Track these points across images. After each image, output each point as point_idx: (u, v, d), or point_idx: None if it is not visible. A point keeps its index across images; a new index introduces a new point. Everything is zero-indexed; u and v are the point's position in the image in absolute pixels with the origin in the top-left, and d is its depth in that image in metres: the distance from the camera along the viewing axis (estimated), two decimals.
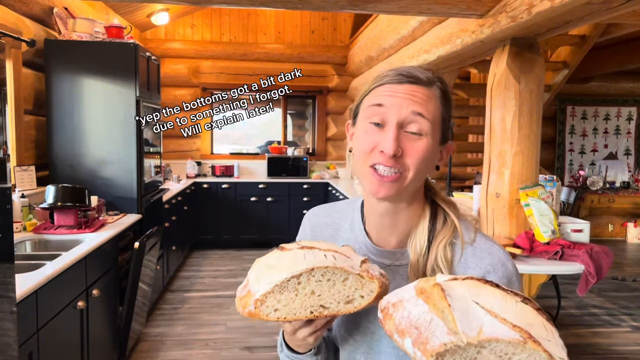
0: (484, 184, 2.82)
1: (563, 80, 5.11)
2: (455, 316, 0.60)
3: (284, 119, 7.07)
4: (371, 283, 0.77)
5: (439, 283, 0.65)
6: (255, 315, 0.78)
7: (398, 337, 0.64)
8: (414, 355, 0.61)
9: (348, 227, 1.01)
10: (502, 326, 0.59)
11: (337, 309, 0.76)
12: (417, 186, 0.90)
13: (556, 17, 2.20)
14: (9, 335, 1.59)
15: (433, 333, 0.60)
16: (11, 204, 1.58)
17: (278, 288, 0.75)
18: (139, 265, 3.11)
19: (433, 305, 0.62)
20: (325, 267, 0.75)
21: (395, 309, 0.67)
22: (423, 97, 0.85)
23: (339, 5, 2.45)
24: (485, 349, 0.58)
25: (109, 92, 3.54)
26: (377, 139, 0.85)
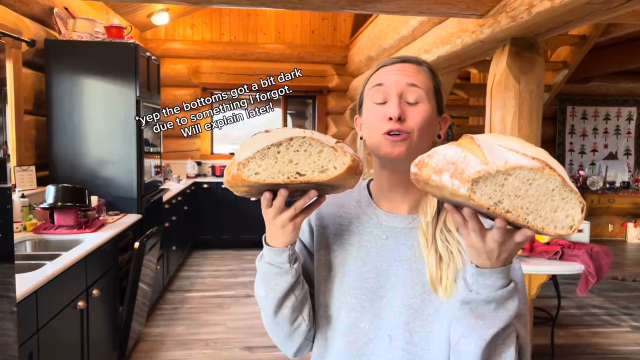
0: None
1: (563, 80, 5.11)
2: (484, 153, 0.71)
3: (284, 119, 7.06)
4: (344, 156, 0.84)
5: (468, 134, 0.76)
6: (237, 177, 0.83)
7: (435, 176, 0.73)
8: (452, 185, 0.71)
9: (354, 204, 1.07)
10: (523, 158, 0.70)
11: (312, 176, 0.83)
12: (424, 150, 0.95)
13: (556, 17, 2.20)
14: (9, 335, 1.59)
15: (468, 164, 0.70)
16: (11, 204, 1.58)
17: (259, 154, 0.82)
18: (139, 265, 3.11)
19: (465, 147, 0.74)
20: (302, 137, 0.83)
21: (430, 158, 0.77)
22: (413, 71, 0.99)
23: (339, 5, 2.45)
24: (511, 175, 0.69)
25: (109, 92, 3.54)
26: (384, 111, 0.96)
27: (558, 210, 0.70)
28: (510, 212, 0.70)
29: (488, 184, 0.69)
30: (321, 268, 1.05)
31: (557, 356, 3.44)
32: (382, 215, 1.04)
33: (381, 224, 1.03)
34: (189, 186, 5.81)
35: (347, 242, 1.04)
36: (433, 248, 0.97)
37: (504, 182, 0.69)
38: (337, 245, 1.05)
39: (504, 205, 0.70)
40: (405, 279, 0.99)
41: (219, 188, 6.25)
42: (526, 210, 0.70)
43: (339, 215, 1.06)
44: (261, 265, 0.97)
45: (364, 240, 1.03)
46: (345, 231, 1.05)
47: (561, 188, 0.70)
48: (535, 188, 0.70)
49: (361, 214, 1.06)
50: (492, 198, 0.70)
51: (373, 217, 1.04)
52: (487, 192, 0.69)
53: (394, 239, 1.02)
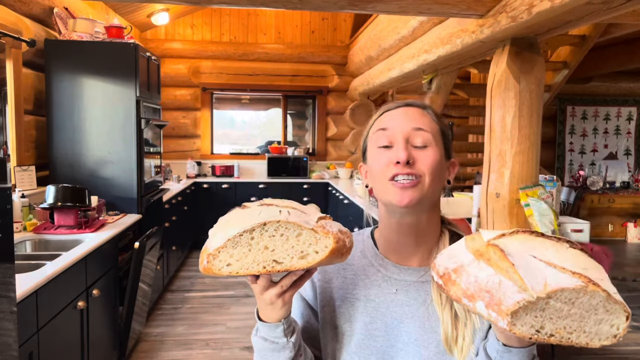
0: (484, 184, 2.82)
1: (563, 80, 5.11)
2: (520, 274, 0.64)
3: (284, 119, 7.06)
4: (326, 239, 0.76)
5: (494, 244, 0.69)
6: (208, 269, 0.77)
7: (468, 301, 0.67)
8: (489, 316, 0.65)
9: (359, 255, 1.00)
10: (563, 275, 0.64)
11: (291, 264, 0.75)
12: (435, 196, 0.94)
13: (556, 17, 2.20)
14: (9, 335, 1.59)
15: (505, 294, 0.64)
16: (11, 204, 1.58)
17: (231, 242, 0.75)
18: (139, 265, 3.11)
19: (497, 266, 0.66)
20: (277, 222, 0.75)
21: (458, 275, 0.70)
22: (418, 115, 0.94)
23: (339, 5, 2.45)
24: (552, 299, 0.63)
25: (109, 92, 3.54)
26: (390, 155, 0.91)
27: (602, 322, 0.66)
28: (554, 335, 0.66)
29: (529, 312, 0.64)
30: (326, 327, 0.98)
31: (557, 356, 3.44)
32: (390, 267, 0.96)
33: (390, 277, 0.96)
34: (189, 186, 5.81)
35: (354, 297, 0.96)
36: (448, 305, 0.89)
37: (545, 306, 0.64)
38: (342, 301, 0.97)
39: (546, 331, 0.65)
40: (417, 337, 0.92)
41: (219, 188, 6.25)
42: (569, 329, 0.66)
43: (343, 268, 0.98)
44: (256, 341, 0.89)
45: (371, 294, 0.95)
46: (350, 285, 0.97)
47: (605, 302, 0.65)
48: (579, 306, 0.65)
49: (367, 266, 0.98)
50: (533, 326, 0.64)
51: (381, 269, 0.97)
52: (529, 321, 0.64)
53: (405, 293, 0.94)
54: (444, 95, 4.86)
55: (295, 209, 0.79)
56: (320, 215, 0.81)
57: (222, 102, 7.02)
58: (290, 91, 6.87)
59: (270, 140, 7.04)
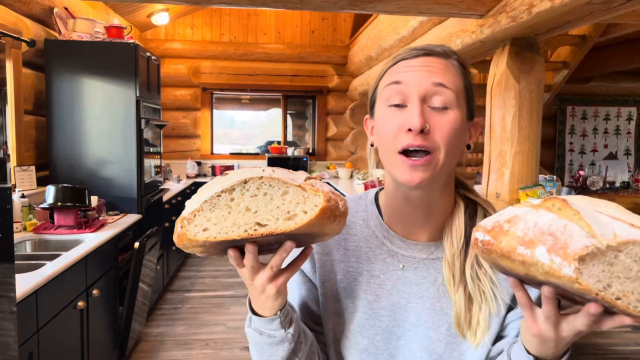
0: (484, 184, 2.82)
1: (563, 80, 5.11)
2: (587, 221, 0.57)
3: (284, 119, 7.06)
4: (315, 197, 0.65)
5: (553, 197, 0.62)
6: (182, 237, 0.66)
7: (524, 249, 0.58)
8: (551, 262, 0.56)
9: (361, 223, 0.90)
10: (633, 230, 0.56)
11: (276, 226, 0.65)
12: (450, 169, 0.82)
13: (556, 17, 2.20)
14: (9, 335, 1.59)
15: (571, 237, 0.56)
16: (11, 204, 1.58)
17: (208, 205, 0.65)
18: (139, 265, 3.11)
19: (560, 213, 0.59)
20: (259, 178, 0.65)
21: (512, 224, 0.61)
22: (441, 67, 0.79)
23: (339, 5, 2.45)
24: (621, 252, 0.55)
25: (109, 92, 3.54)
26: (401, 119, 0.77)
27: None
28: (621, 298, 0.56)
29: (596, 262, 0.55)
30: (327, 302, 0.88)
31: None
32: (397, 240, 0.86)
33: (396, 252, 0.86)
34: (189, 186, 5.81)
35: (356, 271, 0.87)
36: (461, 286, 0.81)
37: (614, 260, 0.55)
38: (344, 275, 0.87)
39: (612, 290, 0.56)
40: (427, 319, 0.84)
41: None
42: (638, 295, 0.56)
43: (344, 238, 0.89)
44: (250, 333, 0.79)
45: (375, 269, 0.86)
46: (352, 257, 0.88)
47: None
48: None
49: (370, 237, 0.88)
50: (600, 281, 0.55)
51: (385, 242, 0.87)
52: (596, 274, 0.55)
53: (413, 270, 0.85)
54: None
55: (280, 169, 0.71)
56: (308, 176, 0.71)
57: (222, 102, 7.02)
58: (290, 91, 6.87)
59: (270, 140, 7.04)
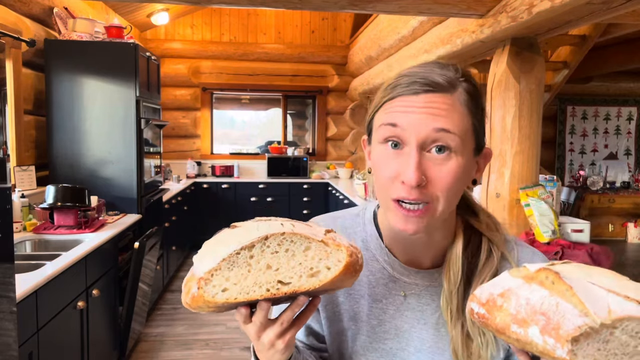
0: (484, 184, 2.82)
1: (563, 80, 5.11)
2: (580, 297, 0.55)
3: (284, 119, 7.06)
4: (338, 252, 0.64)
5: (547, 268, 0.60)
6: (199, 299, 0.64)
7: (517, 327, 0.57)
8: (544, 343, 0.55)
9: (361, 244, 0.85)
10: (629, 303, 0.54)
11: (299, 284, 0.63)
12: (450, 211, 0.77)
13: (556, 17, 2.20)
14: (9, 335, 1.59)
15: (564, 317, 0.54)
16: (11, 204, 1.57)
17: (226, 263, 0.63)
18: (139, 265, 3.11)
19: (552, 289, 0.57)
20: (281, 234, 0.63)
21: (505, 299, 0.60)
22: (446, 107, 0.70)
23: (339, 5, 2.45)
24: (617, 329, 0.54)
25: (109, 92, 3.54)
26: (397, 166, 0.72)
27: None
28: None
29: (590, 342, 0.53)
30: (331, 324, 0.86)
31: None
32: (397, 267, 0.83)
33: (398, 278, 0.83)
34: (189, 186, 5.81)
35: (357, 294, 0.84)
36: (459, 323, 0.78)
37: (610, 337, 0.54)
38: (345, 297, 0.85)
39: None
40: (431, 344, 0.82)
41: (219, 188, 6.25)
42: None
43: None
44: None
45: (377, 293, 0.83)
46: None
47: None
48: None
49: (370, 260, 0.84)
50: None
51: (387, 266, 0.83)
52: (591, 353, 0.54)
53: (416, 297, 0.82)
54: None
55: (297, 222, 0.68)
56: (325, 228, 0.69)
57: (222, 102, 7.02)
58: (290, 91, 6.87)
59: (270, 140, 7.04)
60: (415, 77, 0.72)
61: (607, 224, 7.21)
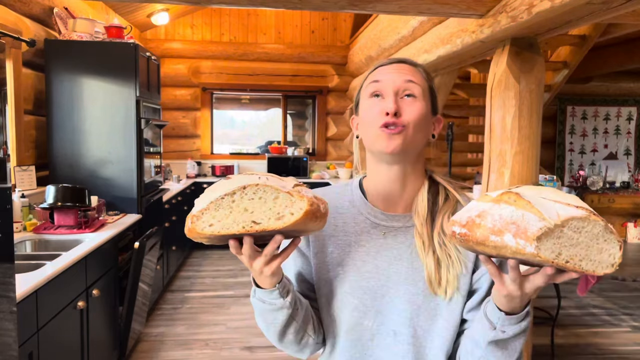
0: (484, 184, 2.82)
1: (563, 80, 5.11)
2: (537, 209, 0.74)
3: (284, 119, 7.06)
4: (301, 201, 0.81)
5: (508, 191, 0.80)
6: (192, 230, 0.82)
7: (495, 236, 0.75)
8: (517, 245, 0.73)
9: (348, 204, 1.08)
10: (570, 208, 0.75)
11: (267, 224, 0.80)
12: (419, 146, 1.02)
13: (556, 17, 2.20)
14: (9, 335, 1.59)
15: (529, 223, 0.73)
16: (11, 204, 1.58)
17: (214, 205, 0.81)
18: (139, 265, 3.11)
19: (516, 205, 0.76)
20: (256, 185, 0.81)
21: (482, 218, 0.78)
22: (411, 70, 1.02)
23: (339, 5, 2.45)
24: (564, 227, 0.73)
25: (109, 92, 3.54)
26: (380, 106, 0.99)
27: (602, 251, 0.76)
28: (569, 261, 0.74)
29: (549, 238, 0.73)
30: (320, 271, 1.05)
31: (557, 356, 3.44)
32: (378, 214, 1.04)
33: (378, 224, 1.04)
34: (189, 186, 5.81)
35: (345, 243, 1.04)
36: (431, 250, 0.99)
37: (560, 234, 0.73)
38: (335, 247, 1.04)
39: (563, 257, 0.74)
40: (407, 277, 1.00)
41: None
42: (580, 257, 0.75)
43: (333, 217, 1.05)
44: (255, 302, 0.97)
45: (361, 240, 1.03)
46: (341, 232, 1.05)
47: (604, 231, 0.75)
48: (584, 235, 0.75)
49: (356, 214, 1.06)
50: (553, 252, 0.73)
51: (369, 216, 1.05)
52: (549, 247, 0.73)
53: (393, 237, 1.03)
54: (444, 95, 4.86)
55: (273, 177, 0.86)
56: (296, 182, 0.87)
57: (222, 102, 7.02)
58: (290, 91, 6.88)
59: (270, 140, 7.04)
60: (391, 58, 1.07)
61: None
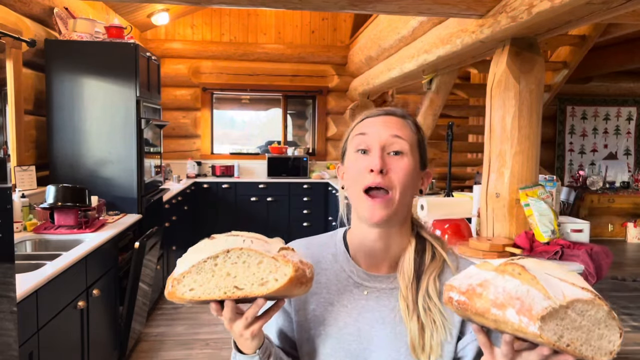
0: (483, 184, 2.82)
1: (563, 80, 5.11)
2: (543, 285, 0.71)
3: (284, 119, 7.07)
4: (286, 267, 0.78)
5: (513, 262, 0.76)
6: (172, 294, 0.80)
7: (497, 310, 0.71)
8: (519, 322, 0.69)
9: (331, 258, 1.04)
10: (576, 289, 0.72)
11: (250, 290, 0.78)
12: (406, 210, 0.98)
13: (556, 17, 2.20)
14: (9, 335, 1.59)
15: (534, 300, 0.69)
16: (11, 204, 1.58)
17: (195, 269, 0.78)
18: (139, 265, 3.11)
19: (521, 279, 0.73)
20: (240, 249, 0.79)
21: (484, 288, 0.74)
22: (398, 124, 0.97)
23: (339, 5, 2.45)
24: (569, 309, 0.70)
25: (109, 92, 3.54)
26: (366, 162, 0.94)
27: (603, 337, 0.73)
28: (569, 345, 0.70)
29: (553, 319, 0.69)
30: (301, 329, 1.01)
31: None
32: (361, 273, 1.00)
33: (361, 284, 1.00)
34: (189, 186, 5.82)
35: (327, 301, 1.00)
36: (415, 315, 0.94)
37: (564, 315, 0.70)
38: (316, 305, 1.00)
39: (564, 340, 0.70)
40: (389, 342, 0.96)
41: (219, 188, 6.26)
42: (581, 341, 0.71)
43: (317, 273, 1.00)
44: None
45: (343, 299, 0.99)
46: (324, 289, 1.01)
47: (607, 317, 0.73)
48: (587, 319, 0.71)
49: (339, 271, 1.02)
50: (555, 333, 0.70)
51: (352, 275, 1.00)
52: (552, 328, 0.69)
53: (375, 300, 0.98)
54: (444, 95, 4.86)
55: (258, 239, 0.83)
56: (282, 246, 0.84)
57: (222, 102, 7.02)
58: (290, 91, 6.88)
59: (270, 140, 7.04)
60: (379, 109, 1.02)
61: (606, 224, 7.22)
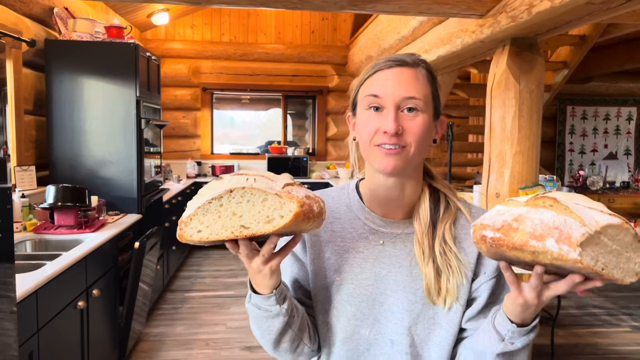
0: (484, 184, 2.82)
1: (563, 80, 5.11)
2: (577, 213, 0.73)
3: (284, 119, 7.06)
4: (290, 203, 0.77)
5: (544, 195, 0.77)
6: (181, 236, 0.80)
7: (536, 242, 0.73)
8: (560, 250, 0.70)
9: (345, 208, 1.03)
10: (605, 215, 0.74)
11: (257, 229, 0.77)
12: (420, 160, 0.97)
13: (556, 17, 2.20)
14: (9, 335, 1.59)
15: (572, 228, 0.71)
16: (11, 204, 1.58)
17: (201, 210, 0.78)
18: (139, 265, 3.11)
19: (556, 210, 0.75)
20: (242, 188, 0.78)
21: (520, 222, 0.75)
22: (412, 77, 0.93)
23: (339, 5, 2.45)
24: (602, 234, 0.72)
25: (109, 92, 3.54)
26: (379, 122, 0.92)
27: (630, 260, 0.75)
28: (604, 268, 0.72)
29: (590, 245, 0.71)
30: (317, 278, 1.01)
31: (557, 356, 3.44)
32: (377, 220, 1.00)
33: (377, 230, 0.99)
34: (189, 186, 5.81)
35: (342, 249, 1.00)
36: (431, 260, 0.95)
37: (598, 241, 0.72)
38: (332, 253, 1.00)
39: (599, 264, 0.72)
40: (405, 285, 0.97)
41: None
42: (612, 264, 0.73)
43: (330, 222, 1.01)
44: (250, 308, 0.93)
45: (359, 246, 0.99)
46: (338, 238, 1.00)
47: (633, 240, 0.75)
48: (617, 243, 0.73)
49: (354, 219, 1.01)
50: (592, 258, 0.71)
51: (367, 222, 1.00)
52: (590, 254, 0.71)
53: (392, 244, 0.99)
54: (444, 95, 4.86)
55: (262, 177, 0.81)
56: (288, 182, 0.82)
57: (222, 102, 7.02)
58: (290, 91, 6.88)
59: (270, 140, 7.04)
60: (390, 57, 0.96)
61: None
